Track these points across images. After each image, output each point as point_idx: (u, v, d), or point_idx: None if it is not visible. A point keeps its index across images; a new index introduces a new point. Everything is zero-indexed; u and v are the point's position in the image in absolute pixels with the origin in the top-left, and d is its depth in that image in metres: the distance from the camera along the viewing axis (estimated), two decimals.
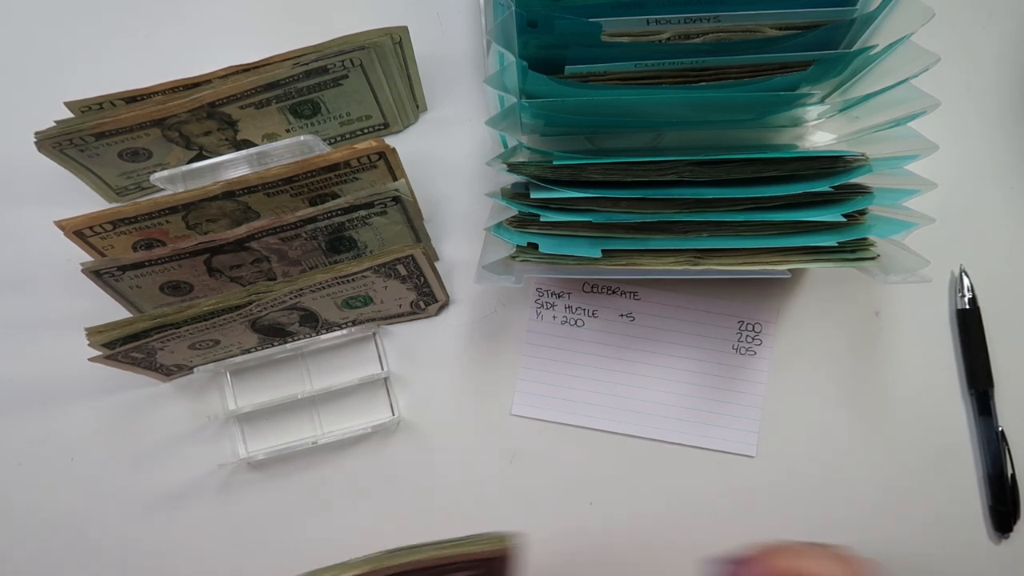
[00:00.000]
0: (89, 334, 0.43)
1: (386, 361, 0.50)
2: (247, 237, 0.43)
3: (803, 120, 0.45)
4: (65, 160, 0.46)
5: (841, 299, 0.50)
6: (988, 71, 0.51)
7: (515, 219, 0.41)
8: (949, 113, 0.44)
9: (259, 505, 0.50)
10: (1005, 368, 0.49)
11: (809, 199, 0.40)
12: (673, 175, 0.40)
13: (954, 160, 0.50)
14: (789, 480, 0.49)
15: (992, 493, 0.48)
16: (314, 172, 0.43)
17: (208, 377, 0.50)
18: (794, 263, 0.40)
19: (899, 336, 0.50)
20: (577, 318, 0.50)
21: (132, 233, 0.44)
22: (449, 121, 0.51)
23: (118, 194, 0.50)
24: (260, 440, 0.50)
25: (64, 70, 0.52)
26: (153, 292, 0.46)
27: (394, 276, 0.45)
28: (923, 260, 0.40)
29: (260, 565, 0.49)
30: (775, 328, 0.50)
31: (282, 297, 0.44)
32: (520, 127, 0.42)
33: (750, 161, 0.40)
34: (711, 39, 0.40)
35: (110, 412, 0.50)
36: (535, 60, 0.38)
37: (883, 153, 0.41)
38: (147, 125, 0.45)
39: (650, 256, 0.41)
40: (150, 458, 0.50)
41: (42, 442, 0.50)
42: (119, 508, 0.50)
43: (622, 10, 0.39)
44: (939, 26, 0.37)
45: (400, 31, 0.45)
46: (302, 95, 0.46)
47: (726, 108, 0.42)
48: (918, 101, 0.39)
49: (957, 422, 0.49)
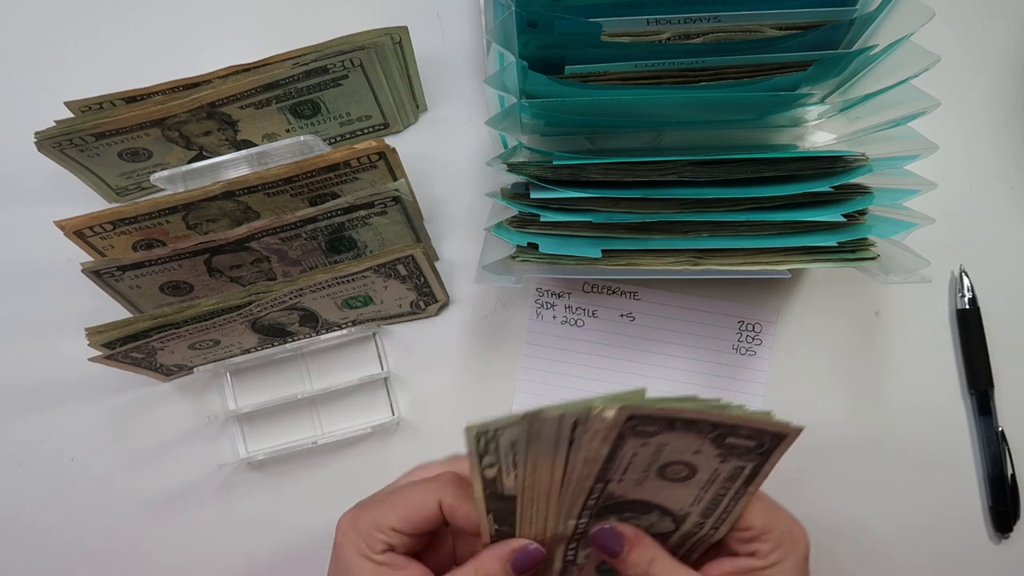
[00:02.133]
0: (89, 334, 0.43)
1: (386, 361, 0.50)
2: (247, 237, 0.43)
3: (803, 120, 0.45)
4: (65, 160, 0.46)
5: (841, 299, 0.50)
6: (988, 71, 0.51)
7: (515, 219, 0.41)
8: (949, 113, 0.44)
9: (259, 505, 0.50)
10: (1005, 368, 0.49)
11: (809, 199, 0.40)
12: (673, 175, 0.40)
13: (954, 160, 0.50)
14: (789, 479, 0.49)
15: (992, 493, 0.48)
16: (314, 172, 0.43)
17: (208, 377, 0.50)
18: (794, 263, 0.40)
19: (899, 336, 0.50)
20: (577, 318, 0.50)
21: (132, 233, 0.44)
22: (449, 121, 0.51)
23: (118, 194, 0.50)
24: (260, 440, 0.50)
25: (64, 70, 0.52)
26: (153, 292, 0.46)
27: (394, 276, 0.45)
28: (923, 260, 0.40)
29: (260, 565, 0.49)
30: (775, 328, 0.50)
31: (282, 297, 0.44)
32: (520, 127, 0.42)
33: (750, 161, 0.40)
34: (711, 39, 0.40)
35: (110, 412, 0.50)
36: (535, 60, 0.38)
37: (883, 153, 0.41)
38: (147, 125, 0.45)
39: (650, 256, 0.41)
40: (150, 458, 0.50)
41: (42, 442, 0.50)
42: (119, 508, 0.50)
43: (622, 10, 0.39)
44: (939, 26, 0.37)
45: (400, 31, 0.45)
46: (302, 95, 0.46)
47: (726, 108, 0.42)
48: (918, 101, 0.39)
49: (957, 422, 0.49)
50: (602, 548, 0.35)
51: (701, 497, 0.34)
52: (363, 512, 0.35)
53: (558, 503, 0.33)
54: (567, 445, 0.30)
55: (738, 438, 0.30)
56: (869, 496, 0.49)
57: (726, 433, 0.30)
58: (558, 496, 0.32)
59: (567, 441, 0.30)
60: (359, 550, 0.34)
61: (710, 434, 0.30)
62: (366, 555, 0.34)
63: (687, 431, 0.30)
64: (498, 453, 0.31)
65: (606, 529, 0.35)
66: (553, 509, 0.33)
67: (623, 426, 0.29)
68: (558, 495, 0.32)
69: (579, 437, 0.29)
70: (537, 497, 0.32)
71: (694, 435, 0.30)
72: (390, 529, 0.34)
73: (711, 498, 0.34)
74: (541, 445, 0.30)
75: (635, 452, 0.31)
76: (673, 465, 0.32)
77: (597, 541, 0.35)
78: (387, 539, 0.34)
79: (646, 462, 0.31)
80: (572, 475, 0.31)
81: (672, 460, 0.32)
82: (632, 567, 0.34)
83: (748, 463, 0.32)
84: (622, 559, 0.34)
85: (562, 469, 0.31)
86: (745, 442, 0.30)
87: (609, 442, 0.30)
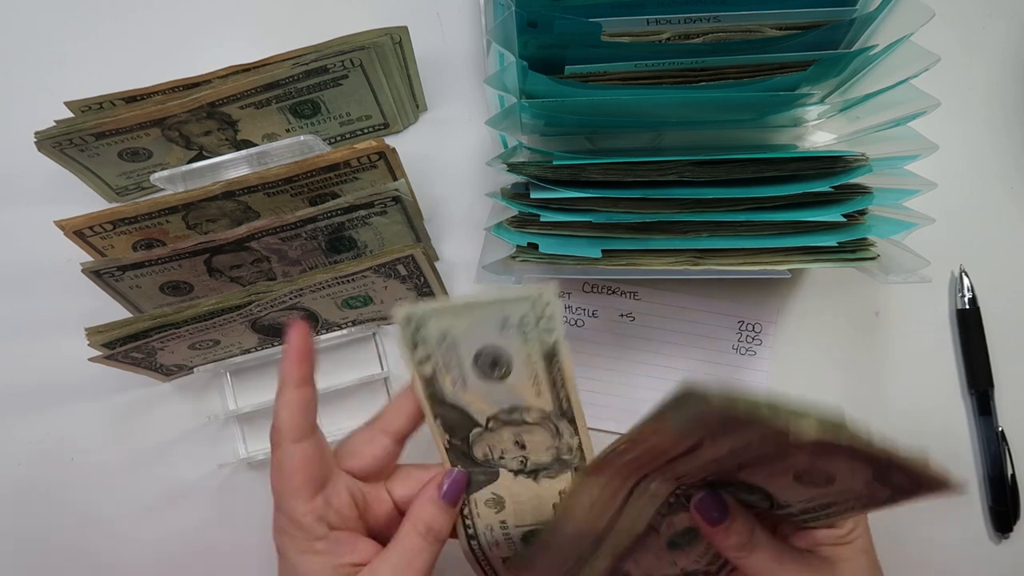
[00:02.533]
0: (89, 334, 0.43)
1: (386, 361, 0.50)
2: (247, 237, 0.43)
3: (803, 120, 0.45)
4: (65, 160, 0.46)
5: (841, 299, 0.50)
6: (988, 71, 0.51)
7: (515, 219, 0.41)
8: (949, 113, 0.44)
9: (259, 505, 0.49)
10: (1005, 368, 0.49)
11: (809, 199, 0.40)
12: (673, 175, 0.40)
13: (954, 160, 0.50)
14: None
15: (992, 493, 0.48)
16: (314, 172, 0.43)
17: (208, 377, 0.50)
18: (794, 263, 0.40)
19: (899, 336, 0.50)
20: (577, 318, 0.50)
21: (132, 233, 0.44)
22: (449, 121, 0.51)
23: (118, 194, 0.50)
24: (260, 440, 0.50)
25: (64, 70, 0.52)
26: (153, 292, 0.46)
27: (394, 276, 0.45)
28: (923, 260, 0.40)
29: (260, 565, 0.49)
30: (775, 328, 0.50)
31: (282, 297, 0.44)
32: (520, 127, 0.42)
33: (750, 161, 0.40)
34: (711, 39, 0.40)
35: (110, 412, 0.50)
36: (535, 60, 0.38)
37: (883, 153, 0.41)
38: (147, 125, 0.45)
39: (650, 256, 0.41)
40: (150, 458, 0.50)
41: (42, 442, 0.50)
42: (119, 508, 0.50)
43: (622, 10, 0.39)
44: (939, 26, 0.37)
45: (400, 31, 0.45)
46: (302, 95, 0.46)
47: (726, 108, 0.42)
48: (918, 101, 0.39)
49: (957, 422, 0.49)
50: (704, 516, 0.33)
51: (815, 499, 0.32)
52: (283, 505, 0.33)
53: (662, 465, 0.31)
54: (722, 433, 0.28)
55: (901, 475, 0.27)
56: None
57: (895, 469, 0.27)
58: (666, 460, 0.30)
59: (726, 429, 0.27)
60: (299, 548, 0.33)
61: (879, 466, 0.27)
62: (306, 551, 0.32)
63: (863, 462, 0.27)
64: (428, 346, 0.30)
65: (713, 497, 0.33)
66: (655, 465, 0.31)
67: (806, 446, 0.26)
68: (664, 460, 0.30)
69: (737, 431, 0.27)
70: (645, 453, 0.30)
71: (866, 465, 0.27)
72: (322, 503, 0.32)
73: (824, 503, 0.32)
74: (688, 422, 0.27)
75: (797, 459, 0.28)
76: (817, 473, 0.29)
77: (701, 507, 0.33)
78: (319, 515, 0.32)
79: (797, 467, 0.29)
80: (704, 452, 0.29)
81: (821, 469, 0.29)
82: (733, 536, 0.33)
83: (886, 493, 0.29)
84: (724, 528, 0.33)
85: (692, 444, 0.29)
86: (904, 481, 0.28)
87: (787, 455, 0.27)
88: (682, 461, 0.31)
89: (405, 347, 0.31)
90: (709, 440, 0.28)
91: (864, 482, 0.29)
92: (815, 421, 0.24)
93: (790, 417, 0.24)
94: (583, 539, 0.35)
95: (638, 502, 0.34)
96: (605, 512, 0.34)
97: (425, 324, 0.30)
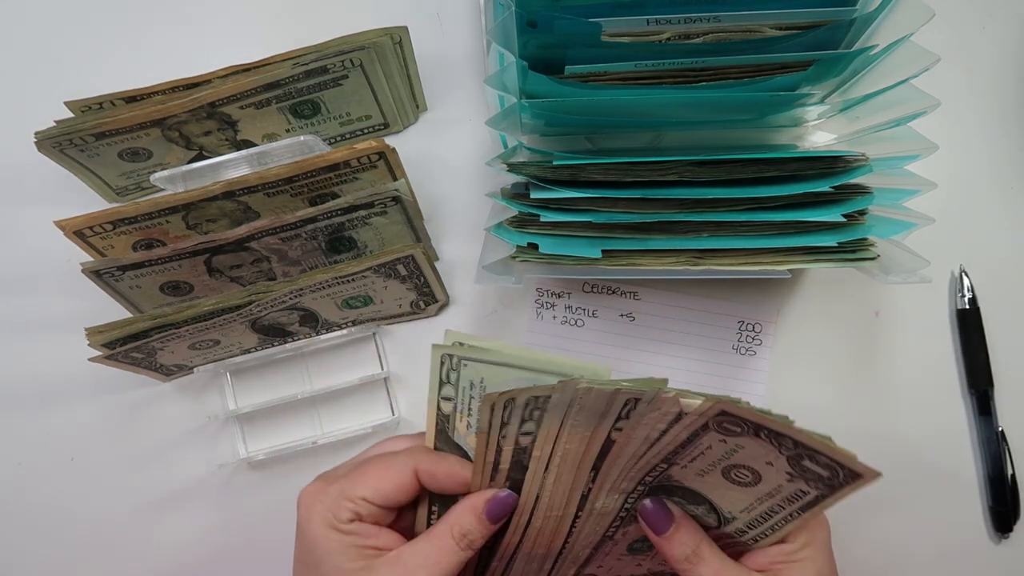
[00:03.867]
0: (89, 334, 0.43)
1: (386, 361, 0.50)
2: (247, 237, 0.43)
3: (803, 120, 0.45)
4: (65, 160, 0.46)
5: (841, 299, 0.50)
6: (988, 71, 0.51)
7: (515, 219, 0.41)
8: (949, 113, 0.44)
9: (259, 505, 0.50)
10: (1005, 368, 0.49)
11: (809, 199, 0.40)
12: (673, 175, 0.40)
13: (954, 160, 0.50)
14: None
15: (992, 493, 0.48)
16: (314, 172, 0.43)
17: (208, 377, 0.50)
18: (794, 263, 0.40)
19: (899, 336, 0.50)
20: (577, 318, 0.50)
21: (132, 233, 0.44)
22: (449, 121, 0.51)
23: (118, 194, 0.50)
24: (260, 440, 0.50)
25: (64, 70, 0.52)
26: (153, 292, 0.46)
27: (394, 276, 0.45)
28: (923, 260, 0.40)
29: (260, 566, 0.49)
30: (775, 328, 0.50)
31: (282, 297, 0.44)
32: (520, 127, 0.42)
33: (750, 161, 0.40)
34: (711, 39, 0.40)
35: (110, 412, 0.50)
36: (535, 60, 0.38)
37: (883, 153, 0.41)
38: (147, 125, 0.45)
39: (650, 256, 0.41)
40: (150, 458, 0.50)
41: (42, 442, 0.50)
42: (119, 508, 0.50)
43: (622, 10, 0.39)
44: (939, 26, 0.37)
45: (400, 31, 0.45)
46: (302, 95, 0.46)
47: (726, 108, 0.42)
48: (918, 101, 0.39)
49: (957, 422, 0.49)
50: (650, 523, 0.34)
51: (754, 507, 0.33)
52: (327, 483, 0.34)
53: (576, 474, 0.32)
54: (614, 420, 0.30)
55: (814, 464, 0.30)
56: (868, 496, 0.49)
57: (805, 455, 0.30)
58: (577, 466, 0.32)
59: (615, 416, 0.29)
60: (325, 521, 0.33)
61: (789, 451, 0.30)
62: (333, 526, 0.33)
63: (769, 441, 0.30)
64: (457, 387, 0.30)
65: (657, 505, 0.34)
66: (580, 479, 0.32)
67: (711, 418, 0.29)
68: (578, 465, 0.32)
69: (639, 415, 0.29)
70: (559, 465, 0.32)
71: (773, 447, 0.30)
72: (360, 499, 0.33)
73: (764, 511, 0.33)
74: (581, 414, 0.29)
75: (711, 445, 0.31)
76: (741, 468, 0.32)
77: (646, 515, 0.34)
78: (355, 507, 0.33)
79: (717, 458, 0.31)
80: (624, 449, 0.31)
81: (742, 463, 0.31)
82: (678, 546, 0.34)
83: (813, 491, 0.31)
84: (667, 537, 0.34)
85: (599, 442, 0.31)
86: (819, 470, 0.30)
87: (691, 429, 0.30)
88: (609, 465, 0.32)
89: (433, 380, 0.31)
90: (614, 431, 0.30)
91: (786, 476, 0.31)
92: (646, 381, 0.28)
93: (657, 384, 0.28)
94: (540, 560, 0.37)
95: (587, 523, 0.35)
96: (555, 540, 0.36)
97: (459, 368, 0.30)
